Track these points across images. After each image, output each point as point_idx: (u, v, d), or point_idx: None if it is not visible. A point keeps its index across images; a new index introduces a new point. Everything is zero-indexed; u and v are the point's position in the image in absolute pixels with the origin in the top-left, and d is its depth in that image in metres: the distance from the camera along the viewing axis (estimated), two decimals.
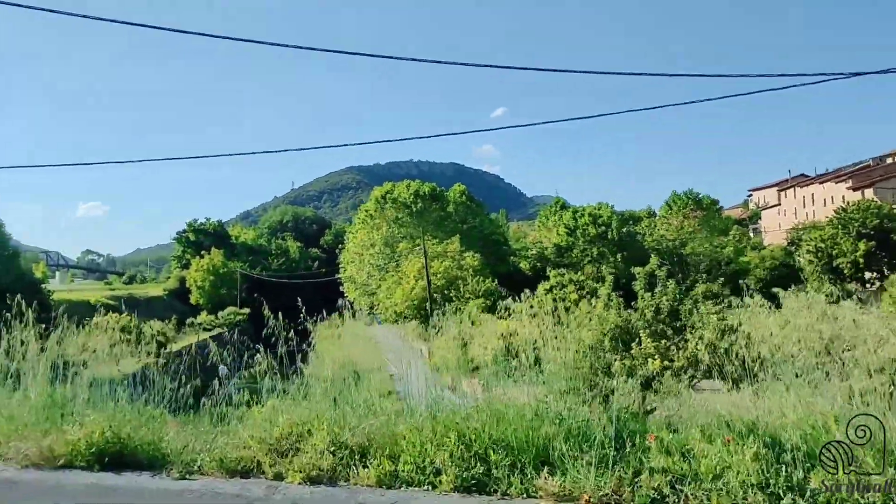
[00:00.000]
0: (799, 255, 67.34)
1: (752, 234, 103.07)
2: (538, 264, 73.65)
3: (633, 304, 19.58)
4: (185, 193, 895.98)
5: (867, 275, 57.14)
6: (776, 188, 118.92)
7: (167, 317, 78.13)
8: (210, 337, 77.92)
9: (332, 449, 6.53)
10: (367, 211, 77.25)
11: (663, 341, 17.20)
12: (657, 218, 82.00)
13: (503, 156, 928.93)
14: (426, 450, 6.38)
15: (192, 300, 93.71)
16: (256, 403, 8.05)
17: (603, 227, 71.59)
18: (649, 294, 18.62)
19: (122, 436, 6.75)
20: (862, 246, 55.14)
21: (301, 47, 9.07)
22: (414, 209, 73.08)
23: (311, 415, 6.85)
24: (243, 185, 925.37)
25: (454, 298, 51.26)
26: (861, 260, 55.22)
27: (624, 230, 73.84)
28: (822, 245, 57.94)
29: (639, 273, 19.87)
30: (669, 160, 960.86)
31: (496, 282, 53.24)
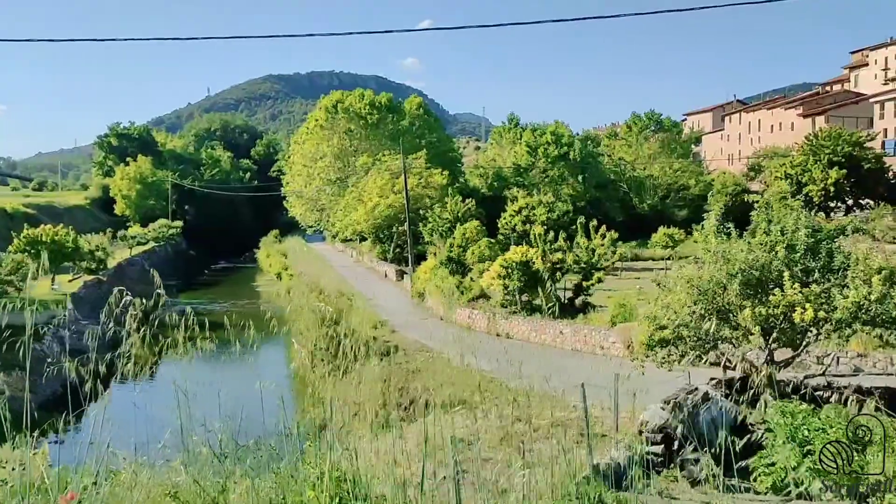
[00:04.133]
0: (760, 182, 66.88)
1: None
2: (495, 184, 70.87)
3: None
4: (90, 97, 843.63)
5: (831, 204, 57.08)
6: (712, 112, 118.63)
7: (92, 228, 72.46)
8: (143, 252, 72.38)
9: None
10: (316, 120, 71.96)
11: (812, 286, 14.72)
12: (617, 139, 80.00)
13: (427, 71, 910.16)
14: None
15: (118, 211, 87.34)
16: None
17: (565, 148, 69.07)
18: (777, 227, 16.01)
19: None
20: (833, 174, 54.67)
21: None
22: (369, 121, 68.39)
23: None
24: (154, 90, 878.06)
25: (429, 219, 48.03)
26: (832, 188, 54.88)
27: (584, 152, 71.69)
28: (792, 172, 57.28)
29: (759, 203, 17.26)
30: (593, 77, 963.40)
31: (466, 200, 50.12)
